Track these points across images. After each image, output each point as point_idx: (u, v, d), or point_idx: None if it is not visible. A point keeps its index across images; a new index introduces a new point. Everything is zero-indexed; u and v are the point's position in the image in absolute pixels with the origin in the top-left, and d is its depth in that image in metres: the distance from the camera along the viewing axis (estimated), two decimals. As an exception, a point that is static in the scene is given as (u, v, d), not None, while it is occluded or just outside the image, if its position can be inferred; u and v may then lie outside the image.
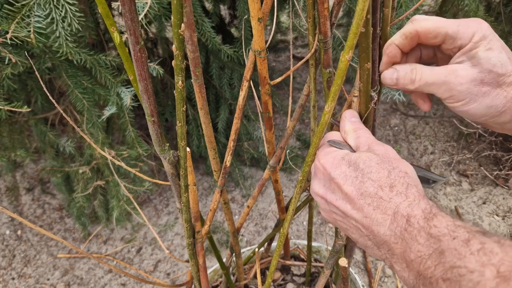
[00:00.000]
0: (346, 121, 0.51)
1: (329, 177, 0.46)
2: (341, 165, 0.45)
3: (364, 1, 0.33)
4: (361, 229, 0.43)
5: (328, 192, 0.47)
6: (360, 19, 0.35)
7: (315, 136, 0.49)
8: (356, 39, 0.37)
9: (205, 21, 1.32)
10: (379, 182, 0.42)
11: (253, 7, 0.45)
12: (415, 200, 0.40)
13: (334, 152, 0.48)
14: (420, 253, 0.37)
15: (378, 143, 0.47)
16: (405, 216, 0.39)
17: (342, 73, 0.41)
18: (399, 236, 0.39)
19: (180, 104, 0.46)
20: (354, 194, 0.43)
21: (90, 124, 1.39)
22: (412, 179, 0.43)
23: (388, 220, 0.40)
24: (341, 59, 0.40)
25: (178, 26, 0.39)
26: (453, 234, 0.35)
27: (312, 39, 0.51)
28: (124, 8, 0.37)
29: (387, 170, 0.43)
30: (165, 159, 0.53)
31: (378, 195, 0.41)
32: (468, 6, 1.47)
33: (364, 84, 0.48)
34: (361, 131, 0.49)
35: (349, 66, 1.30)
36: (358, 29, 0.36)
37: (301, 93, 0.61)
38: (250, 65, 0.54)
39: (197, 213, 0.65)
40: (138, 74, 0.42)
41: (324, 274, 0.73)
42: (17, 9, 0.92)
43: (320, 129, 0.48)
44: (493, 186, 1.94)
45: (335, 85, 0.42)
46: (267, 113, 0.62)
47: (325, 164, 0.47)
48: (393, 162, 0.44)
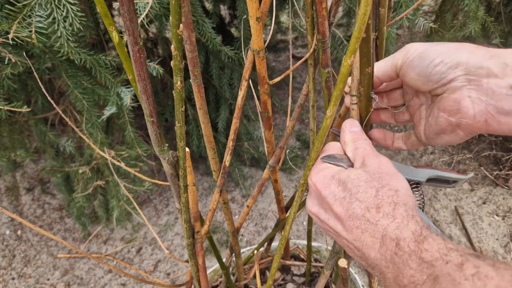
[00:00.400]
0: (346, 131, 0.50)
1: (320, 196, 0.46)
2: (330, 184, 0.45)
3: (366, 6, 0.33)
4: (354, 250, 0.42)
5: (321, 210, 0.46)
6: (363, 23, 0.35)
7: (317, 140, 0.48)
8: (358, 43, 0.37)
9: (205, 22, 1.32)
10: (366, 203, 0.41)
11: (251, 7, 0.45)
12: (403, 221, 0.38)
13: (325, 170, 0.47)
14: (413, 279, 0.35)
15: (374, 155, 0.46)
16: (394, 239, 0.37)
17: (344, 78, 0.41)
18: (390, 261, 0.37)
19: (179, 104, 0.46)
20: (343, 215, 0.42)
21: (89, 124, 1.39)
22: (402, 197, 0.41)
23: (377, 244, 0.39)
24: (343, 64, 0.40)
25: (176, 27, 0.39)
26: (446, 258, 0.34)
27: (311, 39, 0.51)
28: (122, 9, 0.37)
29: (375, 189, 0.41)
30: (164, 160, 0.53)
31: (365, 217, 0.40)
32: (468, 6, 1.47)
33: (365, 88, 0.47)
34: (360, 142, 0.48)
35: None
36: (360, 34, 0.36)
37: (300, 93, 0.61)
38: (249, 64, 0.54)
39: (196, 213, 0.64)
40: (137, 74, 0.42)
41: (324, 274, 0.73)
42: (18, 9, 0.92)
43: (322, 134, 0.47)
44: (493, 186, 1.94)
45: (337, 89, 0.42)
46: (266, 112, 0.61)
47: (316, 182, 0.46)
48: (384, 178, 0.42)
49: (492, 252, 1.61)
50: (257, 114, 1.89)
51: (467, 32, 1.55)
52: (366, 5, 0.33)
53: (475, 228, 1.73)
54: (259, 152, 2.00)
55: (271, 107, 0.61)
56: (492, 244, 1.65)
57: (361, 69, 0.46)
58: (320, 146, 0.49)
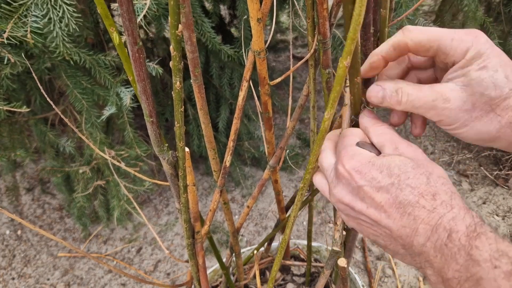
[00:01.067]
0: (364, 117, 0.47)
1: (356, 184, 0.42)
2: (371, 170, 0.41)
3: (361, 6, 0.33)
4: (397, 239, 0.40)
5: (357, 200, 0.42)
6: (357, 24, 0.34)
7: (316, 144, 0.47)
8: (354, 45, 0.37)
9: (205, 22, 1.32)
10: (419, 190, 0.38)
11: (252, 8, 0.45)
12: (460, 213, 0.36)
13: (359, 155, 0.43)
14: (457, 274, 0.34)
15: (405, 142, 0.44)
16: (448, 229, 0.36)
17: (341, 79, 0.40)
18: (439, 250, 0.36)
19: (178, 104, 0.46)
20: (390, 202, 0.39)
21: (89, 124, 1.39)
22: (452, 186, 0.39)
23: (429, 231, 0.37)
24: (339, 66, 0.39)
25: (175, 27, 0.39)
26: (495, 262, 0.32)
27: (311, 40, 0.51)
28: (122, 9, 0.37)
29: (425, 176, 0.39)
30: (164, 160, 0.53)
31: (420, 204, 0.38)
32: (468, 6, 1.47)
33: (355, 97, 0.47)
34: (383, 127, 0.45)
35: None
36: (356, 35, 0.35)
37: (301, 93, 0.61)
38: (250, 65, 0.54)
39: (196, 214, 0.65)
40: (136, 74, 0.42)
41: (324, 274, 0.73)
42: (14, 9, 0.92)
43: (320, 137, 0.46)
44: (493, 186, 1.94)
45: (334, 91, 0.41)
46: (267, 113, 0.61)
47: (351, 169, 0.42)
48: (428, 166, 0.41)
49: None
50: (257, 114, 1.90)
51: (466, 32, 1.55)
52: (360, 5, 0.33)
53: (475, 228, 1.73)
54: (259, 152, 2.00)
55: (271, 107, 0.61)
56: (492, 244, 1.65)
57: (350, 78, 0.45)
58: (319, 149, 0.48)
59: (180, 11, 0.38)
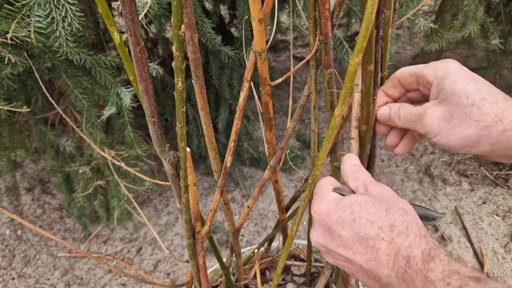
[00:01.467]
0: (346, 164, 0.52)
1: (326, 224, 0.46)
2: (336, 211, 0.45)
3: (373, 4, 0.33)
4: (367, 273, 0.42)
5: (328, 240, 0.46)
6: (370, 22, 0.35)
7: (325, 139, 0.48)
8: (366, 42, 0.37)
9: (205, 22, 1.32)
10: (378, 223, 0.41)
11: (254, 8, 0.44)
12: (415, 240, 0.39)
13: (328, 198, 0.47)
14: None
15: (375, 183, 0.48)
16: (405, 256, 0.39)
17: (352, 76, 0.41)
18: (401, 277, 0.39)
19: (180, 105, 0.46)
20: (354, 238, 0.42)
21: (89, 124, 1.39)
22: (412, 216, 0.43)
23: (391, 262, 0.40)
24: (351, 63, 0.40)
25: (178, 27, 0.39)
26: (447, 280, 0.35)
27: (313, 40, 0.51)
28: (124, 9, 0.37)
29: (384, 210, 0.42)
30: (165, 160, 0.53)
31: (380, 236, 0.41)
32: (468, 6, 1.47)
33: (367, 86, 0.48)
34: (361, 173, 0.50)
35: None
36: (368, 32, 0.36)
37: (301, 93, 0.61)
38: (251, 65, 0.54)
39: (197, 214, 0.65)
40: (138, 74, 0.42)
41: (324, 274, 0.73)
42: (17, 9, 0.92)
43: (331, 133, 0.47)
44: (493, 186, 1.95)
45: (345, 88, 0.42)
46: (268, 113, 0.61)
47: (321, 211, 0.46)
48: (390, 201, 0.44)
49: (492, 252, 1.61)
50: (257, 114, 1.90)
51: (466, 33, 1.55)
52: (372, 4, 0.33)
53: (475, 228, 1.73)
54: (259, 152, 2.00)
55: (272, 108, 0.61)
56: (492, 244, 1.65)
57: (363, 66, 0.46)
58: (329, 145, 0.49)
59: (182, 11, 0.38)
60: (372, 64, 0.45)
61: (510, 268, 1.54)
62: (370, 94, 0.49)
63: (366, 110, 0.51)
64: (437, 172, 2.07)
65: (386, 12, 0.44)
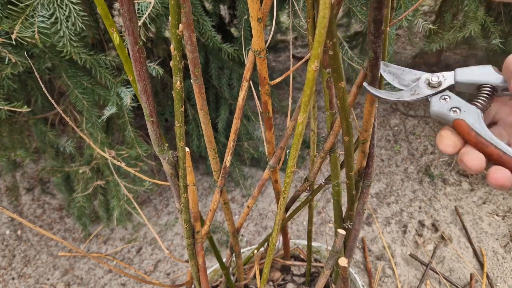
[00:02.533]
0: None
1: None
2: None
3: (325, 9, 0.31)
4: None
5: None
6: (323, 27, 0.33)
7: (292, 147, 0.47)
8: (321, 48, 0.35)
9: (205, 20, 1.32)
10: None
11: (253, 7, 0.45)
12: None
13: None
14: None
15: None
16: None
17: (311, 83, 0.39)
18: None
19: (179, 104, 0.46)
20: None
21: (89, 124, 1.39)
22: None
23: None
24: (308, 70, 0.38)
25: (176, 27, 0.39)
26: None
27: (312, 40, 0.51)
28: (122, 8, 0.37)
29: None
30: (164, 160, 0.53)
31: None
32: (468, 6, 1.47)
33: (341, 101, 0.47)
34: None
35: (349, 67, 1.29)
36: (322, 38, 0.34)
37: (301, 93, 0.61)
38: (250, 65, 0.54)
39: (196, 213, 0.65)
40: (136, 74, 0.42)
41: (324, 274, 0.73)
42: (21, 10, 0.92)
43: (296, 141, 0.46)
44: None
45: (305, 95, 0.40)
46: (267, 113, 0.62)
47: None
48: None
49: (492, 252, 1.61)
50: (257, 114, 1.90)
51: (466, 33, 1.55)
52: (324, 8, 0.31)
53: (475, 228, 1.73)
54: (259, 152, 2.00)
55: (271, 107, 0.61)
56: (492, 244, 1.65)
57: (335, 84, 0.45)
58: (295, 153, 0.48)
59: (181, 10, 0.38)
60: (342, 81, 0.44)
61: (510, 268, 1.54)
62: (346, 109, 0.48)
63: (345, 123, 0.51)
64: (437, 172, 2.07)
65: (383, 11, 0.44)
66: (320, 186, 0.71)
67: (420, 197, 1.93)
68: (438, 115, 0.43)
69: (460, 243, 1.67)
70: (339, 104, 0.48)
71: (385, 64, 0.47)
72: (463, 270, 1.55)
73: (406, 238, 1.72)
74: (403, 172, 2.09)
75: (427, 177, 2.05)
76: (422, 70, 0.50)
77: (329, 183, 0.67)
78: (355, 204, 0.66)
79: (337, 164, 0.61)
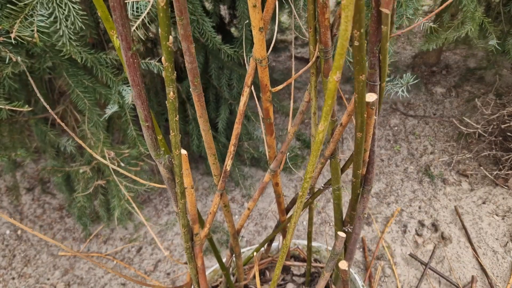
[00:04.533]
0: None
1: None
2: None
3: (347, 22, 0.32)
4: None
5: None
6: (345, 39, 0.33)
7: (312, 154, 0.48)
8: (343, 60, 0.36)
9: (205, 21, 1.32)
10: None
11: (254, 17, 0.44)
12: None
13: None
14: None
15: None
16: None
17: (332, 94, 0.40)
18: None
19: (173, 114, 0.46)
20: None
21: (91, 123, 1.39)
22: None
23: None
24: (329, 80, 0.38)
25: (166, 39, 0.39)
26: None
27: (313, 49, 0.51)
28: (114, 14, 0.37)
29: None
30: (161, 164, 0.53)
31: None
32: (466, 7, 1.47)
33: (359, 95, 0.47)
34: None
35: (349, 66, 1.29)
36: (344, 50, 0.34)
37: (300, 93, 0.61)
38: (251, 71, 0.54)
39: (195, 216, 0.65)
40: (131, 79, 0.42)
41: (324, 276, 0.73)
42: (20, 9, 0.92)
43: (316, 148, 0.47)
44: (492, 186, 1.95)
45: (326, 105, 0.41)
46: (268, 119, 0.62)
47: None
48: None
49: (492, 251, 1.62)
50: (256, 115, 1.90)
51: (463, 33, 1.55)
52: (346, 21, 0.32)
53: (475, 228, 1.74)
54: (259, 152, 2.01)
55: (272, 113, 0.61)
56: (491, 244, 1.65)
57: (355, 76, 0.45)
58: (315, 159, 0.48)
59: (178, 23, 0.38)
60: (364, 74, 0.45)
61: (510, 268, 1.55)
62: (363, 103, 0.48)
63: (360, 119, 0.51)
64: (437, 172, 2.07)
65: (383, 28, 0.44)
66: (320, 190, 0.72)
67: (420, 197, 1.93)
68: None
69: (460, 243, 1.68)
70: (356, 98, 0.48)
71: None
72: (463, 270, 1.55)
73: (406, 238, 1.72)
74: (403, 172, 2.09)
75: (427, 177, 2.05)
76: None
77: (329, 187, 0.67)
78: (357, 204, 0.66)
79: (338, 169, 0.61)
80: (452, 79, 2.81)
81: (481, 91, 2.60)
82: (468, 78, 2.77)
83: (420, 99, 2.66)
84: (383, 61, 0.47)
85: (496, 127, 2.11)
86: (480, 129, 2.13)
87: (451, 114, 2.47)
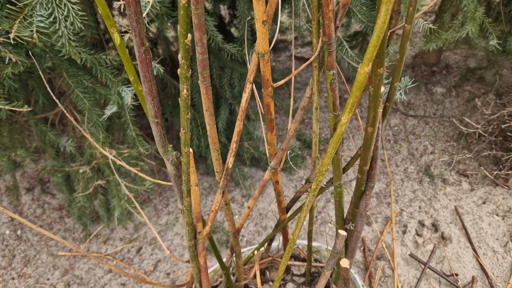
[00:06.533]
0: None
1: None
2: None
3: (386, 15, 0.32)
4: None
5: None
6: (381, 32, 0.33)
7: (330, 146, 0.48)
8: (375, 51, 0.36)
9: (207, 20, 1.32)
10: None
11: (258, 10, 0.44)
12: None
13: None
14: None
15: None
16: None
17: (360, 85, 0.40)
18: None
19: (185, 111, 0.46)
20: None
21: (91, 124, 1.39)
22: None
23: None
24: (359, 72, 0.38)
25: (185, 36, 0.39)
26: None
27: (316, 42, 0.51)
28: (129, 10, 0.37)
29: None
30: (168, 161, 0.53)
31: None
32: (467, 7, 1.47)
33: (375, 89, 0.47)
34: None
35: (350, 66, 1.29)
36: (379, 42, 0.34)
37: (300, 93, 0.61)
38: (254, 67, 0.54)
39: (199, 214, 0.65)
40: (142, 75, 0.42)
41: (324, 275, 0.73)
42: (19, 9, 0.92)
43: (336, 140, 0.46)
44: (493, 186, 1.95)
45: (353, 96, 0.41)
46: (269, 115, 0.62)
47: None
48: None
49: (492, 251, 1.62)
50: (257, 114, 1.90)
51: (464, 33, 1.55)
52: (386, 14, 0.32)
53: (475, 228, 1.74)
54: (259, 152, 2.01)
55: (273, 109, 0.61)
56: (492, 244, 1.65)
57: (373, 69, 0.45)
58: (333, 151, 0.48)
59: (193, 12, 0.38)
60: (382, 67, 0.45)
61: (510, 268, 1.55)
62: (377, 97, 0.48)
63: (373, 113, 0.51)
64: (437, 172, 2.07)
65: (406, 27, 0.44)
66: (322, 188, 0.71)
67: (420, 197, 1.93)
68: None
69: (460, 243, 1.67)
70: (371, 92, 0.48)
71: None
72: (463, 270, 1.55)
73: (406, 238, 1.72)
74: (403, 172, 2.09)
75: (427, 177, 2.05)
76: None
77: (331, 185, 0.67)
78: (360, 201, 0.66)
79: (340, 166, 0.61)
80: (452, 79, 2.81)
81: (481, 91, 2.60)
82: (468, 78, 2.77)
83: (420, 99, 2.66)
84: (400, 60, 0.47)
85: (496, 127, 2.11)
86: (480, 129, 2.13)
87: (451, 114, 2.47)
